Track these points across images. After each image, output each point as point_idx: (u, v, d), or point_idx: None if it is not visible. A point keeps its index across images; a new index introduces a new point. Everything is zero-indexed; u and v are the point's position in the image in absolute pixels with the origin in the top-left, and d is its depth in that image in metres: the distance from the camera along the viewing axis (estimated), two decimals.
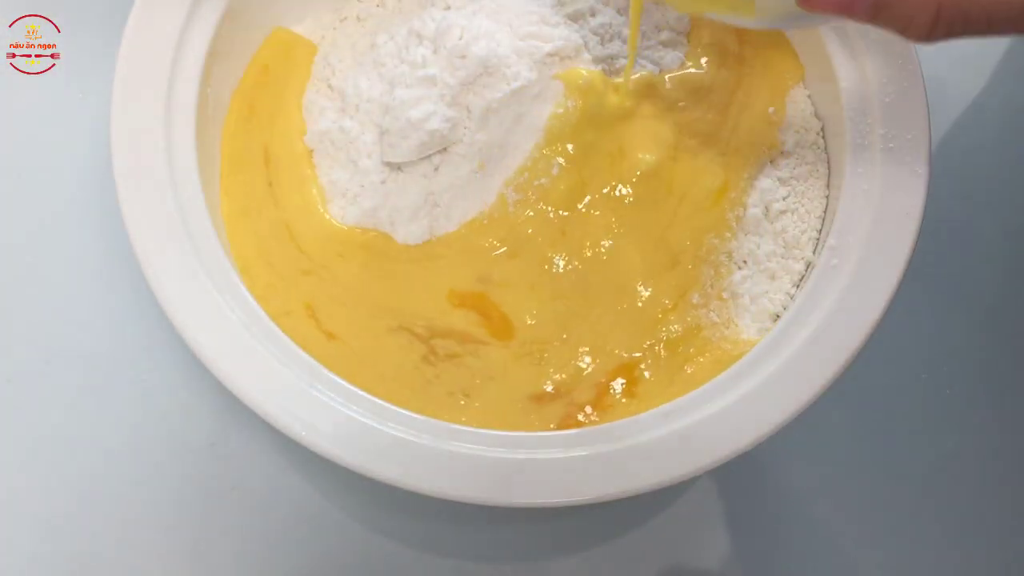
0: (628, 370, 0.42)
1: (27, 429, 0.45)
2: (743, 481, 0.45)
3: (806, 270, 0.43)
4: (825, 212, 0.44)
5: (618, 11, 0.47)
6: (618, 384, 0.42)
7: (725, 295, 0.43)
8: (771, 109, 0.46)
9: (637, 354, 0.42)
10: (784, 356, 0.38)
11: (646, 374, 0.42)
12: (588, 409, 0.41)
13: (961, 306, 0.50)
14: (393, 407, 0.38)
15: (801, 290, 0.42)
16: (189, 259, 0.39)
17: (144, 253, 0.38)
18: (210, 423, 0.45)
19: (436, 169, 0.44)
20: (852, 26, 0.43)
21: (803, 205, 0.45)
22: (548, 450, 0.37)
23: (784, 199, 0.45)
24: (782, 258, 0.44)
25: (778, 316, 0.42)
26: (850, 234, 0.41)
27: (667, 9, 0.48)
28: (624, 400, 0.41)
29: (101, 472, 0.44)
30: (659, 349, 0.42)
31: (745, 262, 0.44)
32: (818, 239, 0.44)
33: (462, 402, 0.41)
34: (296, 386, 0.37)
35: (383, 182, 0.44)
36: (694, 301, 0.43)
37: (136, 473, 0.44)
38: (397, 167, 0.44)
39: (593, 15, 0.46)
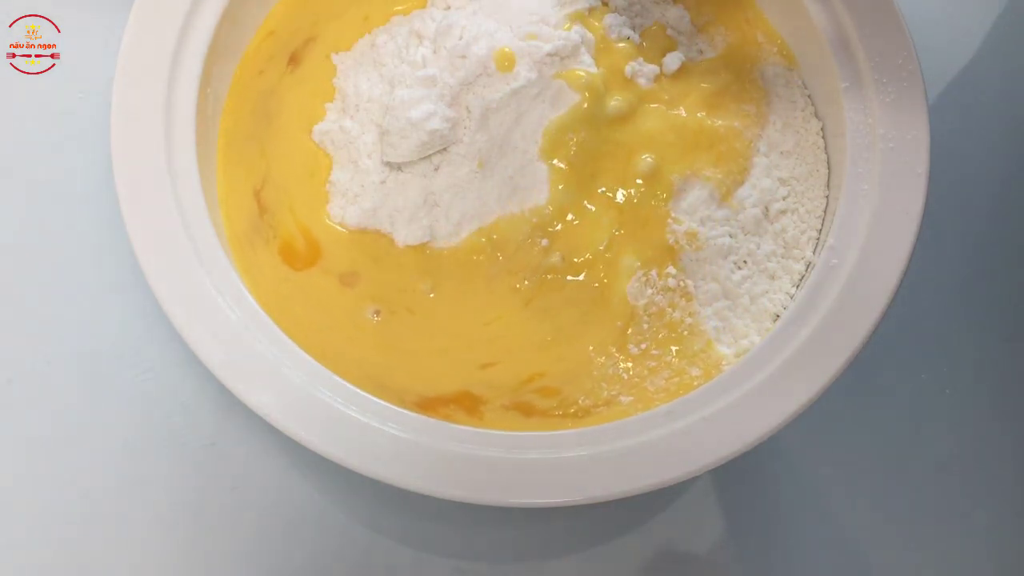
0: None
1: (27, 429, 0.45)
2: (743, 481, 0.45)
3: (806, 270, 0.43)
4: (825, 212, 0.44)
5: (618, 11, 0.47)
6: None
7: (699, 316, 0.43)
8: (758, 108, 0.46)
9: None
10: (784, 356, 0.39)
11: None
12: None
13: (961, 306, 0.50)
14: (394, 407, 0.38)
15: (801, 290, 0.42)
16: (189, 259, 0.39)
17: (144, 253, 0.38)
18: (210, 423, 0.45)
19: (436, 169, 0.44)
20: (852, 28, 0.43)
21: (803, 205, 0.45)
22: (548, 450, 0.37)
23: (784, 199, 0.45)
24: (782, 258, 0.44)
25: (778, 316, 0.42)
26: (850, 234, 0.41)
27: (667, 9, 0.48)
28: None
29: (101, 472, 0.44)
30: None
31: (745, 262, 0.44)
32: (818, 239, 0.44)
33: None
34: (296, 386, 0.37)
35: (383, 182, 0.44)
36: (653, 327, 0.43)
37: (136, 473, 0.44)
38: (397, 167, 0.44)
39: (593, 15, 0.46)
